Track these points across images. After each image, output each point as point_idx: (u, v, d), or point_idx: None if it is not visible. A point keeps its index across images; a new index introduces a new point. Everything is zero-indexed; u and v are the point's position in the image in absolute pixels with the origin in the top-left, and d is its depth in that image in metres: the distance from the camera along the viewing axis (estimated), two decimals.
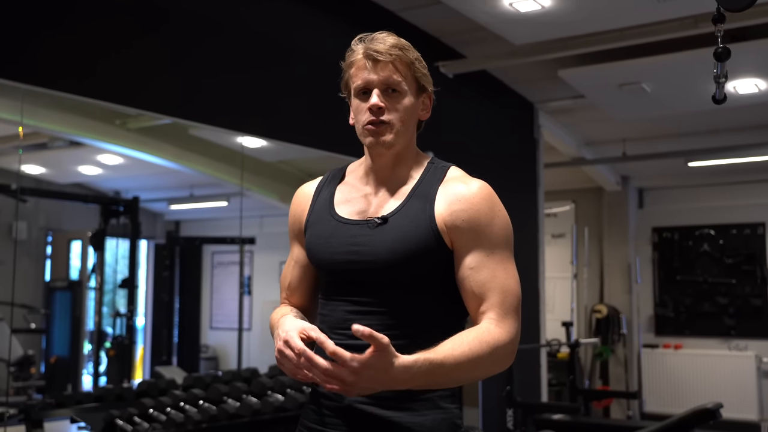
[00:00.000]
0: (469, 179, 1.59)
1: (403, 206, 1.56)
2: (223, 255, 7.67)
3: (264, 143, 4.59)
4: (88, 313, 6.84)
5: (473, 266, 1.50)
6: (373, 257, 1.52)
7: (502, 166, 5.90)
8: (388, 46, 1.56)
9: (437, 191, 1.56)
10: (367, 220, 1.57)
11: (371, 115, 1.56)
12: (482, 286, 1.49)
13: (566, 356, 6.65)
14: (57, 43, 3.04)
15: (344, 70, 1.62)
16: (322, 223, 1.63)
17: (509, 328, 1.48)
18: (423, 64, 1.62)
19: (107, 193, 7.08)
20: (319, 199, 1.68)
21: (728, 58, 1.76)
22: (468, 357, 1.41)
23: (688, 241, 8.35)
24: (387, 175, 1.62)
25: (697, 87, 5.04)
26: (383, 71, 1.55)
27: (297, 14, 4.10)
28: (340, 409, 1.53)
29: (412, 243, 1.51)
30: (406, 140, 1.61)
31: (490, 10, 4.08)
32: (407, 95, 1.58)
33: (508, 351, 1.47)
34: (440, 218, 1.52)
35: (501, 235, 1.54)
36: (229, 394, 3.42)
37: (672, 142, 6.99)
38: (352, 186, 1.66)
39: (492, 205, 1.55)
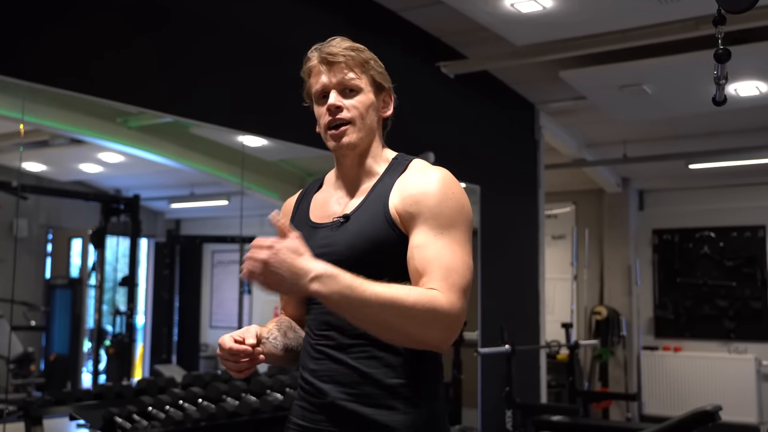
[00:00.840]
0: (427, 168, 1.59)
1: (363, 203, 1.59)
2: (223, 254, 7.68)
3: (265, 142, 4.59)
4: (88, 311, 6.84)
5: (419, 244, 1.49)
6: (337, 256, 1.52)
7: (503, 166, 5.90)
8: (342, 48, 1.60)
9: (394, 182, 1.58)
10: (332, 221, 1.60)
11: (330, 116, 1.59)
12: (426, 262, 1.46)
13: (566, 358, 6.65)
14: (58, 40, 3.04)
15: (304, 80, 1.66)
16: (300, 231, 1.64)
17: (452, 300, 1.42)
18: (379, 64, 1.65)
19: (108, 191, 7.08)
20: (299, 210, 1.73)
21: (728, 60, 1.76)
22: (396, 298, 1.37)
23: (688, 243, 8.34)
24: (353, 175, 1.65)
25: (698, 89, 5.05)
26: (339, 73, 1.59)
27: (299, 14, 4.10)
28: (323, 405, 1.54)
29: (369, 237, 1.53)
30: (370, 139, 1.64)
31: (491, 11, 4.08)
32: (364, 92, 1.61)
33: (443, 318, 1.41)
34: (393, 207, 1.54)
35: (452, 216, 1.51)
36: (228, 392, 3.43)
37: (673, 144, 6.99)
38: (327, 192, 1.70)
39: (445, 188, 1.53)
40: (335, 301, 1.37)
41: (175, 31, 3.51)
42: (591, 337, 8.11)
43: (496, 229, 5.56)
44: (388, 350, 1.51)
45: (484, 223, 5.40)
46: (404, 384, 1.51)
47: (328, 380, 1.54)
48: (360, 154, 1.63)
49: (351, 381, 1.52)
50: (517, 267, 6.07)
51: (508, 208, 5.88)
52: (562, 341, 7.28)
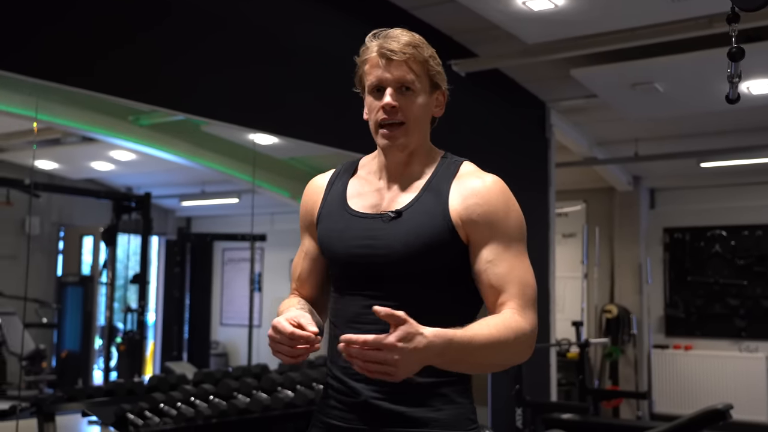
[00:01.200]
0: (482, 174, 1.60)
1: (416, 200, 1.57)
2: (233, 252, 7.71)
3: (275, 140, 4.60)
4: (100, 309, 6.88)
5: (491, 259, 1.51)
6: (388, 251, 1.52)
7: (514, 164, 5.89)
8: (402, 45, 1.55)
9: (451, 185, 1.57)
10: (380, 214, 1.57)
11: (384, 114, 1.56)
12: (501, 278, 1.50)
13: (576, 356, 6.63)
14: (69, 37, 3.05)
15: (358, 66, 1.62)
16: (335, 217, 1.63)
17: (530, 319, 1.49)
18: (437, 62, 1.61)
19: (119, 189, 7.12)
20: (331, 192, 1.68)
21: (742, 58, 1.76)
22: (495, 339, 1.41)
23: (699, 241, 8.31)
24: (400, 170, 1.62)
25: (710, 87, 5.02)
26: (397, 70, 1.55)
27: (310, 11, 4.10)
28: (356, 404, 1.53)
29: (426, 237, 1.52)
30: (420, 138, 1.62)
31: (503, 9, 4.08)
32: (421, 93, 1.58)
33: (529, 341, 1.48)
34: (455, 212, 1.53)
35: (517, 229, 1.55)
36: (239, 389, 3.44)
37: (684, 142, 6.96)
38: (365, 180, 1.67)
39: (506, 199, 1.56)
40: (451, 364, 1.41)
41: (185, 28, 3.52)
42: (601, 336, 8.09)
43: None
44: None
45: None
46: (437, 383, 1.52)
47: (360, 378, 1.52)
48: (410, 151, 1.61)
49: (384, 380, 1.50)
50: None
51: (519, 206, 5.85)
52: (572, 339, 7.26)
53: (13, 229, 6.24)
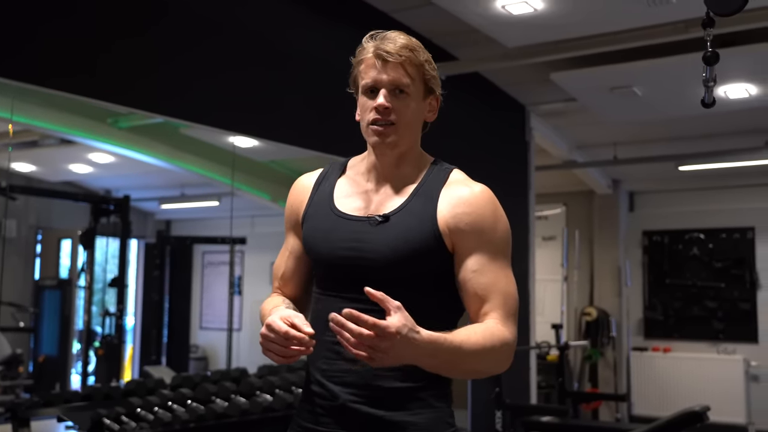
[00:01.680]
0: (472, 183, 1.60)
1: (405, 205, 1.57)
2: (213, 255, 7.66)
3: (256, 143, 4.57)
4: (78, 313, 6.81)
5: (476, 269, 1.52)
6: (374, 255, 1.52)
7: (493, 168, 5.90)
8: (399, 47, 1.55)
9: (440, 193, 1.57)
10: (368, 217, 1.57)
11: (377, 115, 1.56)
12: (485, 289, 1.51)
13: (555, 359, 6.66)
14: (49, 40, 3.02)
15: (353, 66, 1.62)
16: (321, 217, 1.63)
17: (512, 330, 1.51)
18: (433, 66, 1.62)
19: (98, 192, 7.06)
20: (318, 192, 1.68)
21: (717, 62, 1.77)
22: (482, 346, 1.43)
23: (677, 244, 8.37)
24: (390, 173, 1.62)
25: (688, 91, 5.06)
26: (392, 72, 1.55)
27: (290, 14, 4.09)
28: (333, 408, 1.53)
29: (413, 242, 1.52)
30: (411, 141, 1.62)
31: (482, 12, 4.09)
32: (414, 97, 1.58)
33: (510, 352, 1.50)
34: (443, 220, 1.53)
35: (503, 240, 1.57)
36: (218, 393, 3.42)
37: (663, 146, 7.00)
38: (353, 181, 1.66)
39: (494, 209, 1.57)
40: (441, 365, 1.42)
41: (167, 32, 3.49)
42: (581, 338, 8.12)
43: None
44: None
45: None
46: (416, 387, 1.52)
47: (338, 381, 1.52)
48: (399, 154, 1.61)
49: (363, 383, 1.50)
50: None
51: None
52: (552, 342, 7.29)
53: None
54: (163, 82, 3.48)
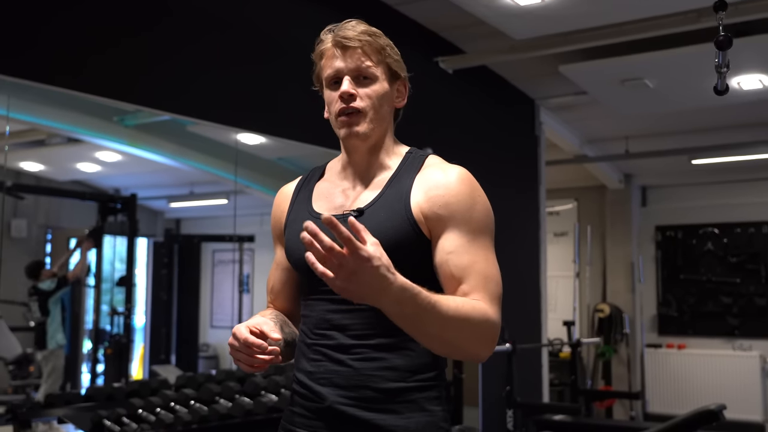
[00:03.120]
0: (447, 165, 1.52)
1: (379, 197, 1.51)
2: (223, 253, 7.63)
3: (263, 140, 4.53)
4: (87, 312, 6.80)
5: (452, 250, 1.43)
6: None
7: (503, 163, 5.83)
8: (358, 33, 1.52)
9: (414, 180, 1.50)
10: (343, 214, 1.50)
11: (342, 104, 1.51)
12: (462, 269, 1.41)
13: (568, 356, 6.58)
14: (49, 35, 2.98)
15: (315, 62, 1.58)
16: (299, 222, 1.55)
17: (494, 311, 1.40)
18: (395, 51, 1.57)
19: (107, 191, 7.04)
20: (298, 198, 1.64)
21: (730, 47, 1.69)
22: (457, 312, 1.32)
23: (691, 239, 8.28)
24: (364, 167, 1.57)
25: (700, 82, 4.97)
26: (353, 58, 1.51)
27: (293, 8, 4.03)
28: (320, 410, 1.47)
29: (388, 234, 1.43)
30: (382, 130, 1.56)
31: (489, 4, 4.01)
32: (379, 81, 1.53)
33: (491, 333, 1.38)
34: (417, 207, 1.46)
35: (481, 222, 1.47)
36: (222, 394, 3.36)
37: (675, 139, 6.92)
38: (331, 182, 1.62)
39: (471, 190, 1.48)
40: (407, 318, 1.30)
41: (171, 28, 3.44)
42: (594, 335, 8.06)
43: (496, 227, 5.45)
44: (391, 352, 1.44)
45: None
46: (408, 388, 1.45)
47: (326, 383, 1.46)
48: (372, 145, 1.55)
49: (351, 384, 1.44)
50: (518, 264, 6.01)
51: (508, 205, 5.81)
52: (564, 339, 7.21)
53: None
54: (166, 79, 3.43)
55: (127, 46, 3.26)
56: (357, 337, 1.44)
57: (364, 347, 1.44)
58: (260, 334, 1.38)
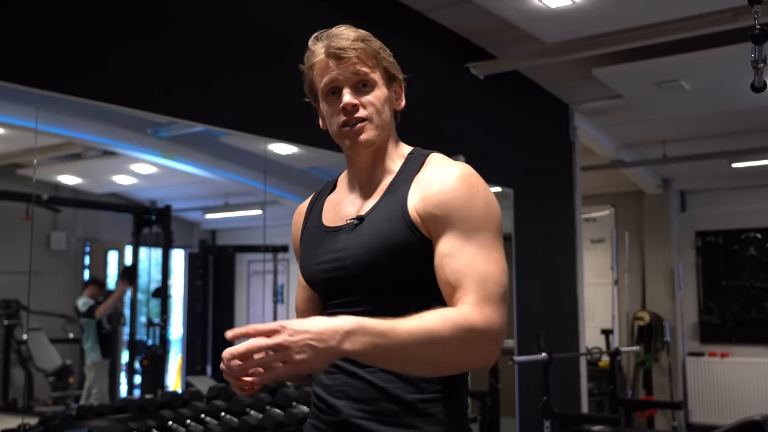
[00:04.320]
0: (446, 163, 1.46)
1: (379, 203, 1.47)
2: (258, 264, 7.64)
3: (295, 150, 4.53)
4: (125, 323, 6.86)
5: (448, 252, 1.36)
6: (351, 261, 1.43)
7: (537, 169, 5.76)
8: (351, 41, 1.47)
9: (412, 181, 1.46)
10: (346, 224, 1.48)
11: (344, 116, 1.47)
12: (458, 272, 1.34)
13: (607, 365, 6.47)
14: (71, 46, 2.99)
15: (305, 73, 1.55)
16: (311, 238, 1.57)
17: (489, 314, 1.30)
18: (388, 53, 1.53)
19: (143, 203, 7.10)
20: (311, 214, 1.61)
21: (766, 41, 1.62)
22: (429, 331, 1.24)
23: (733, 245, 8.12)
24: (368, 174, 1.53)
25: (738, 83, 4.86)
26: (349, 67, 1.46)
27: (322, 15, 4.01)
28: (336, 423, 1.43)
29: (386, 239, 1.39)
30: (385, 135, 1.52)
31: (519, 7, 3.96)
32: (378, 86, 1.49)
33: (483, 339, 1.30)
34: (413, 208, 1.41)
35: (480, 218, 1.38)
36: (253, 405, 3.33)
37: (714, 142, 6.79)
38: (340, 194, 1.59)
39: (469, 185, 1.40)
40: (370, 354, 1.22)
41: (198, 38, 3.44)
42: (633, 344, 7.93)
43: (531, 234, 5.42)
44: None
45: (518, 227, 5.25)
46: (425, 400, 1.39)
47: (341, 396, 1.42)
48: (375, 151, 1.51)
49: (367, 397, 1.40)
50: (554, 272, 5.92)
51: (543, 212, 5.74)
52: (603, 348, 7.10)
53: (38, 245, 6.24)
54: (197, 90, 3.42)
55: (156, 57, 3.26)
56: None
57: None
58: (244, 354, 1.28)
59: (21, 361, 5.82)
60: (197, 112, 3.46)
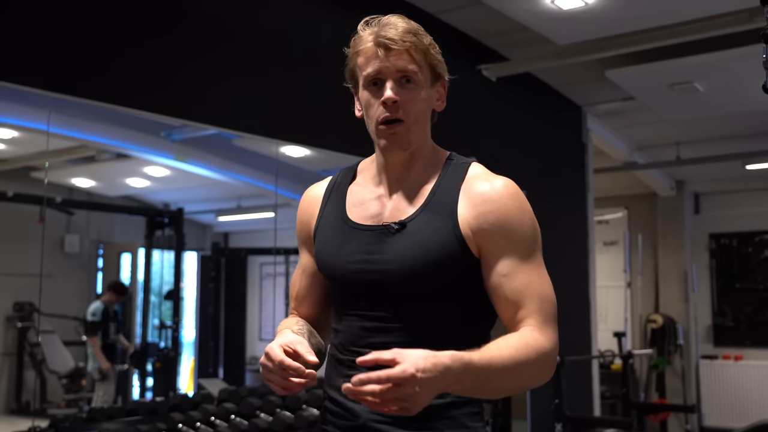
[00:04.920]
0: (492, 177, 1.44)
1: (422, 209, 1.42)
2: (271, 266, 7.65)
3: (307, 152, 4.53)
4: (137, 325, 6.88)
5: (506, 273, 1.37)
6: (392, 266, 1.39)
7: (550, 172, 5.74)
8: (402, 32, 1.41)
9: (459, 192, 1.42)
10: (383, 226, 1.43)
11: (385, 111, 1.42)
12: (518, 293, 1.36)
13: (620, 368, 6.44)
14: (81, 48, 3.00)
15: (350, 57, 1.48)
16: (333, 229, 1.50)
17: (550, 337, 1.36)
18: (437, 50, 1.47)
19: (156, 206, 7.13)
20: (329, 203, 1.54)
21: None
22: (515, 361, 1.28)
23: (747, 247, 8.07)
24: (402, 174, 1.48)
25: (752, 85, 4.83)
26: (397, 60, 1.40)
27: (334, 18, 4.01)
28: (354, 428, 1.41)
29: (434, 250, 1.37)
30: (423, 136, 1.47)
31: (531, 8, 3.95)
32: (423, 86, 1.44)
33: (551, 361, 1.36)
34: (465, 222, 1.39)
35: (532, 237, 1.41)
36: (263, 408, 3.34)
37: (728, 144, 6.75)
38: (364, 187, 1.52)
39: (520, 204, 1.41)
40: (466, 392, 1.29)
41: (211, 41, 3.45)
42: (646, 346, 7.89)
43: (544, 236, 5.33)
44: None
45: None
46: (447, 404, 1.38)
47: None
48: (411, 152, 1.47)
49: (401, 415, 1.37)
50: (567, 274, 5.90)
51: (555, 214, 5.72)
52: (615, 351, 7.07)
53: (52, 248, 6.27)
54: (210, 92, 3.43)
55: (169, 60, 3.27)
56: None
57: None
58: (295, 355, 1.31)
59: (34, 364, 5.85)
60: (210, 114, 3.47)
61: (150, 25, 3.24)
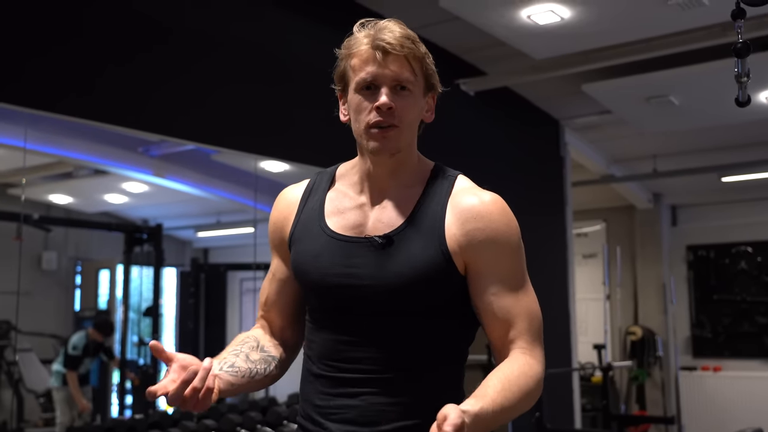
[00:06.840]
0: (480, 191, 1.42)
1: (408, 223, 1.38)
2: (251, 281, 7.61)
3: (287, 167, 4.53)
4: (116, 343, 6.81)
5: (495, 291, 1.36)
6: (375, 282, 1.35)
7: (528, 185, 5.77)
8: (400, 38, 1.36)
9: (446, 206, 1.39)
10: (367, 238, 1.38)
11: (378, 116, 1.36)
12: (507, 312, 1.36)
13: (600, 380, 6.46)
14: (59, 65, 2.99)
15: (341, 59, 1.44)
16: (310, 238, 1.45)
17: (540, 357, 1.37)
18: (431, 60, 1.45)
19: (135, 222, 7.08)
20: (306, 209, 1.49)
21: (748, 54, 1.63)
22: (519, 397, 1.29)
23: (724, 259, 8.13)
24: (386, 183, 1.43)
25: (727, 98, 4.81)
26: (395, 66, 1.37)
27: (311, 32, 4.02)
28: None
29: (420, 268, 1.34)
30: (410, 145, 1.45)
31: (507, 24, 3.98)
32: (415, 94, 1.41)
33: (541, 380, 1.37)
34: (452, 238, 1.36)
35: (519, 254, 1.40)
36: (243, 424, 3.32)
37: (704, 156, 6.82)
38: (344, 194, 1.47)
39: (509, 221, 1.40)
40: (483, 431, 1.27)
41: (177, 53, 3.45)
42: (626, 358, 7.91)
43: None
44: (406, 387, 1.35)
45: None
46: (423, 423, 1.32)
47: (336, 418, 1.36)
48: (397, 159, 1.42)
49: (363, 420, 1.35)
50: (546, 288, 5.92)
51: (534, 228, 5.73)
52: (596, 363, 7.09)
53: (29, 265, 6.20)
54: (187, 108, 3.42)
55: (146, 76, 3.26)
56: (370, 371, 1.35)
57: (377, 381, 1.35)
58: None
59: (11, 383, 5.77)
60: (188, 130, 3.46)
61: (128, 41, 3.23)
